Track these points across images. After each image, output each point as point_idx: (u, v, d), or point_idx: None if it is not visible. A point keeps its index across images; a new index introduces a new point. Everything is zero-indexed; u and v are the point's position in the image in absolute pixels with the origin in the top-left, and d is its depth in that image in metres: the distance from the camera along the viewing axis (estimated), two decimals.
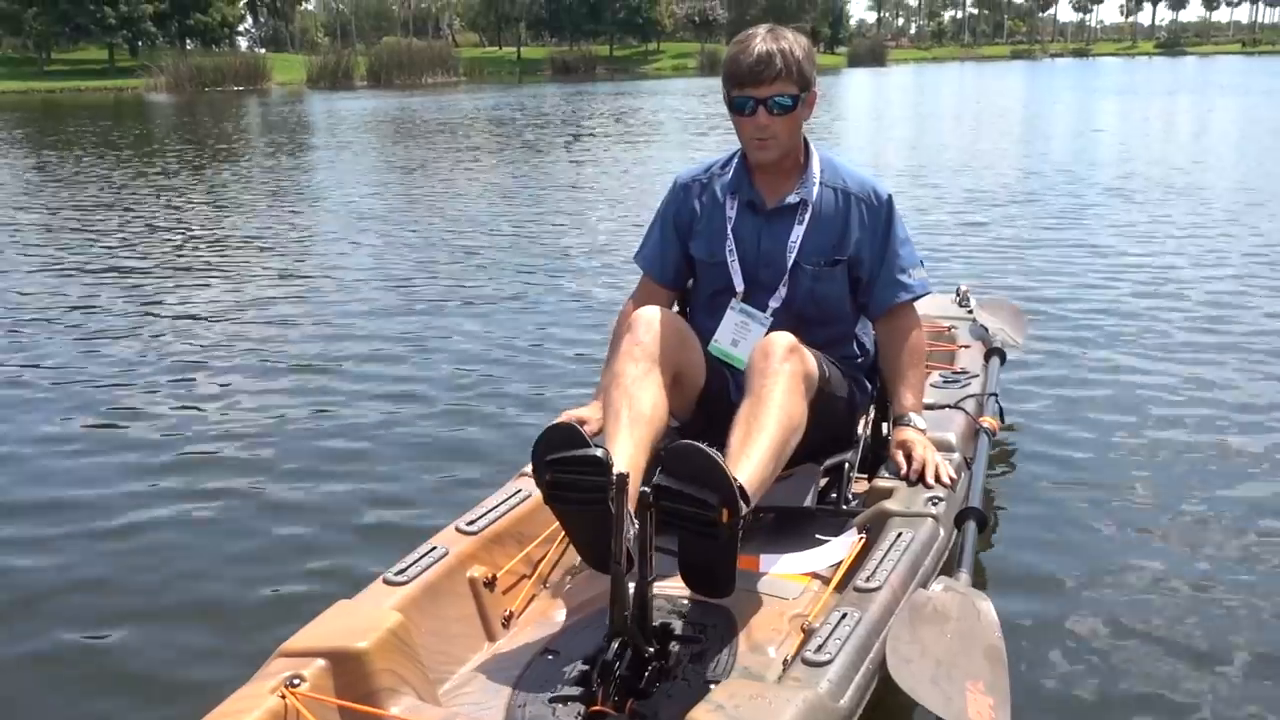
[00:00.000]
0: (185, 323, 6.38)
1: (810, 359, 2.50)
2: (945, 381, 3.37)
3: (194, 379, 5.28)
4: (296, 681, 1.87)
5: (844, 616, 2.03)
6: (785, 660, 2.07)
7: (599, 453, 2.10)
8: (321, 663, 1.91)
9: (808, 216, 2.72)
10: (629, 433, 2.31)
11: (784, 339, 2.46)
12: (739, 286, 2.75)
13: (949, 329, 4.04)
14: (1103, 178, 12.04)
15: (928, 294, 2.89)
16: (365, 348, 5.76)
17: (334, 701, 1.89)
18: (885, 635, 2.02)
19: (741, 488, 2.05)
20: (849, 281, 2.78)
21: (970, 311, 4.23)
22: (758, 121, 2.60)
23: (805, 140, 2.77)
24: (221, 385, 5.16)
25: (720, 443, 2.25)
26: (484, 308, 6.63)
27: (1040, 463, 3.88)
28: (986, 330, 3.93)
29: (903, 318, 2.78)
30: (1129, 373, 4.86)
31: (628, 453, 2.27)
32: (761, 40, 2.58)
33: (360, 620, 2.02)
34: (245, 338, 6.03)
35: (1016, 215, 9.57)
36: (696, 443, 2.05)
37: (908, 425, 2.70)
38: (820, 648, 1.93)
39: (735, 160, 2.82)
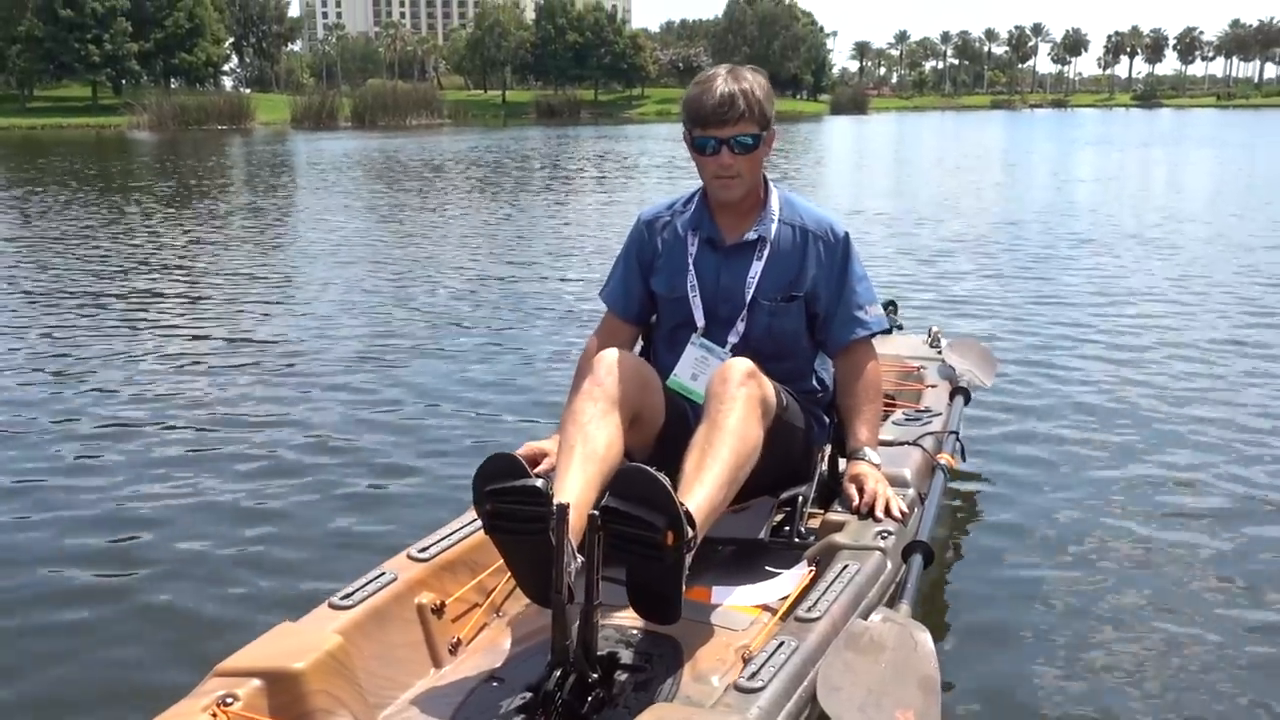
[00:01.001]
0: (147, 354, 6.27)
1: (768, 385, 2.50)
2: (907, 419, 3.38)
3: (161, 406, 5.22)
4: (230, 700, 1.86)
5: (780, 645, 2.03)
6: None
7: (538, 483, 2.09)
8: (256, 682, 1.91)
9: (766, 253, 2.75)
10: (580, 468, 2.31)
11: (742, 364, 2.47)
12: (699, 322, 2.77)
13: (918, 369, 4.07)
14: (1078, 227, 12.17)
15: (885, 331, 2.90)
16: (335, 380, 5.74)
17: None
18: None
19: (688, 512, 2.05)
20: (806, 317, 2.80)
21: (940, 352, 4.26)
22: (721, 161, 2.63)
23: (764, 178, 2.79)
24: (191, 414, 5.11)
25: (678, 474, 2.26)
26: (455, 343, 6.61)
27: (1001, 502, 3.91)
28: (954, 370, 3.96)
29: (860, 354, 2.80)
30: (1096, 418, 4.87)
31: (577, 488, 2.25)
32: (723, 81, 2.61)
33: (299, 642, 2.02)
34: (215, 366, 5.99)
35: (992, 261, 9.67)
36: (644, 466, 2.05)
37: (861, 459, 2.71)
38: (754, 675, 1.93)
39: (696, 198, 2.84)
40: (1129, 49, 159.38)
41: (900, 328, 4.72)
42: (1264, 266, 9.16)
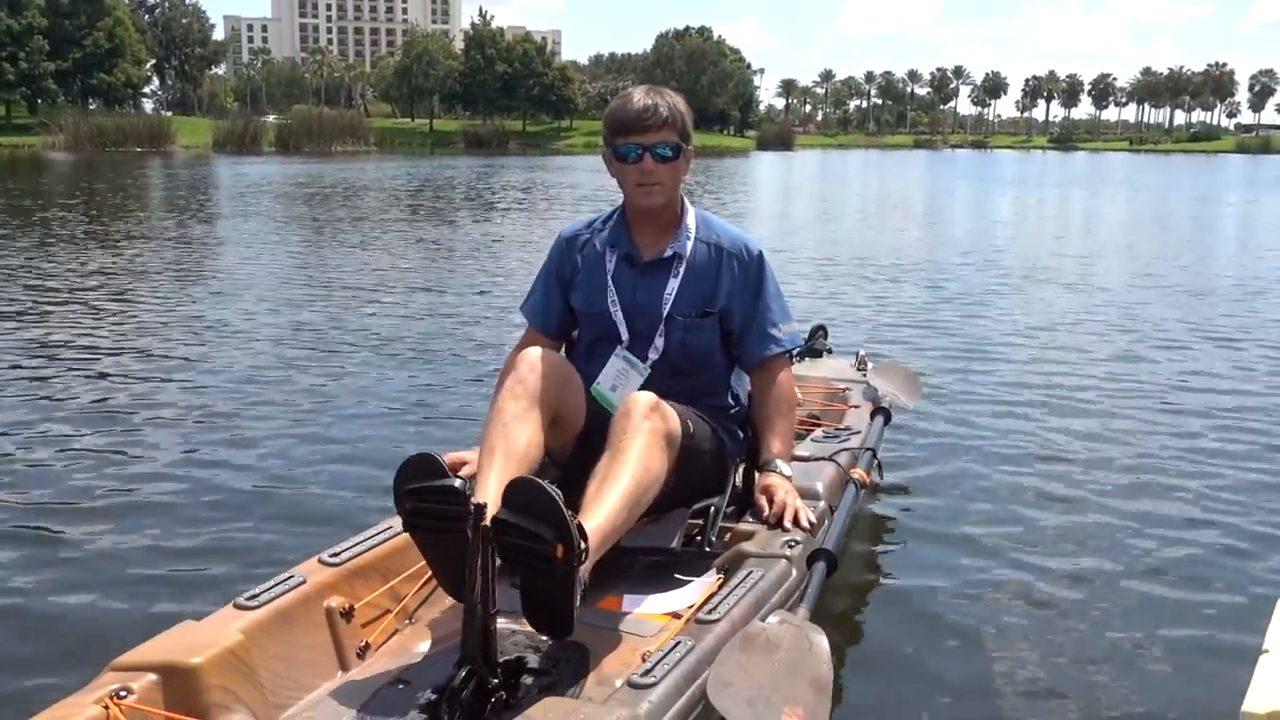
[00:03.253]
0: (58, 370, 6.03)
1: (672, 417, 2.53)
2: (826, 436, 3.50)
3: (74, 425, 5.04)
4: (124, 694, 1.88)
5: (677, 645, 2.09)
6: None
7: (456, 483, 2.15)
8: (152, 677, 1.93)
9: (682, 270, 2.80)
10: (500, 468, 2.36)
11: (645, 398, 2.51)
12: (624, 335, 2.82)
13: (843, 390, 4.19)
14: (1000, 260, 12.49)
15: (797, 348, 2.99)
16: (253, 397, 5.69)
17: (160, 713, 1.90)
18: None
19: (580, 525, 2.07)
20: (721, 334, 2.86)
21: (865, 375, 4.37)
22: (643, 168, 2.68)
23: (681, 197, 2.85)
24: (104, 430, 4.96)
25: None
26: (377, 362, 6.58)
27: (921, 519, 4.03)
28: (877, 392, 4.10)
29: (773, 370, 2.87)
30: (1016, 438, 5.04)
31: (497, 488, 2.25)
32: (643, 94, 2.70)
33: (199, 639, 2.04)
34: (125, 388, 5.78)
35: (922, 291, 9.87)
36: (537, 479, 2.07)
37: (773, 471, 2.79)
38: (648, 672, 1.98)
39: (615, 216, 2.90)
40: (1046, 93, 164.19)
41: (830, 351, 4.82)
42: (1177, 295, 9.58)
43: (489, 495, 2.23)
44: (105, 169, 35.52)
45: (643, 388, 2.71)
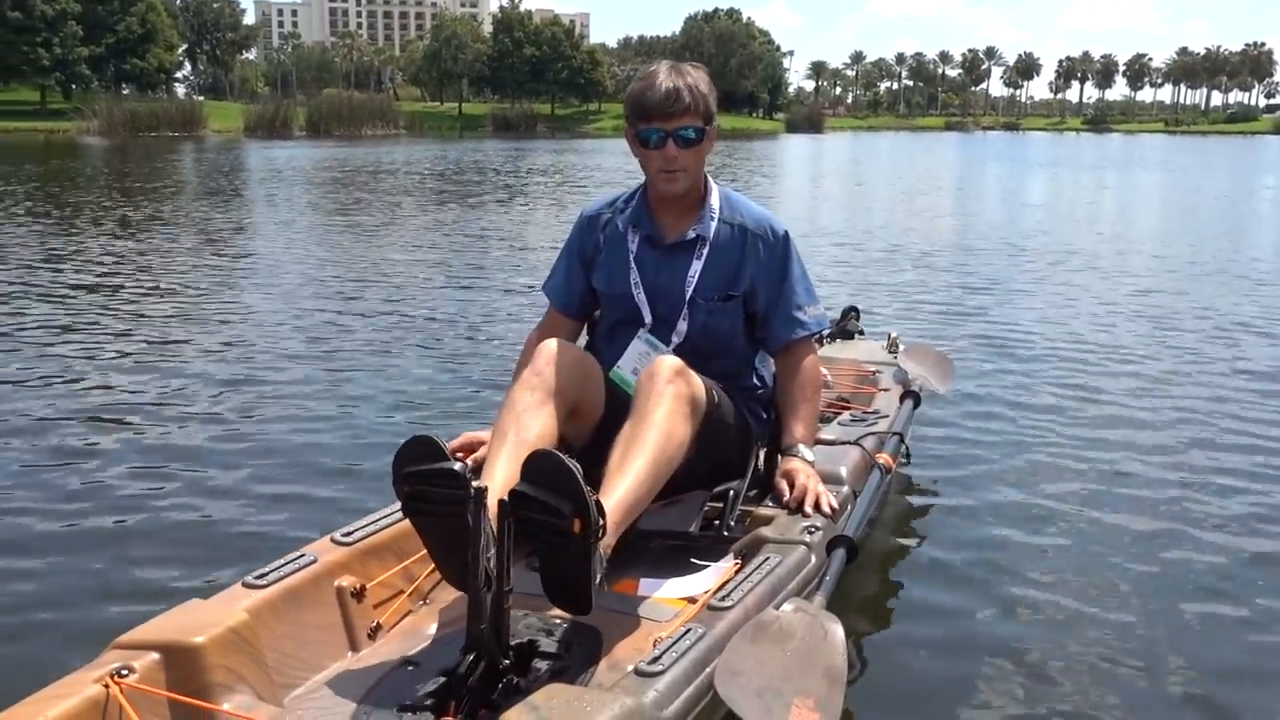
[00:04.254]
0: (93, 344, 6.07)
1: (697, 383, 2.50)
2: (853, 420, 3.44)
3: (93, 400, 5.02)
4: (125, 672, 1.86)
5: (688, 632, 2.05)
6: None
7: (456, 466, 2.09)
8: (154, 655, 1.91)
9: (705, 252, 2.75)
10: (509, 456, 2.31)
11: (671, 362, 2.47)
12: (647, 318, 2.78)
13: (873, 373, 4.13)
14: (1034, 244, 12.30)
15: (824, 330, 2.94)
16: (279, 377, 5.71)
17: (162, 693, 1.89)
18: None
19: (598, 501, 2.03)
20: (745, 316, 2.81)
21: (897, 357, 4.30)
22: (666, 154, 2.63)
23: (706, 176, 2.80)
24: (135, 408, 5.00)
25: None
26: (399, 341, 6.61)
27: (951, 508, 3.91)
28: (907, 375, 4.02)
29: (798, 353, 2.81)
30: (1053, 427, 4.88)
31: (504, 475, 2.24)
32: (666, 75, 2.62)
33: (204, 618, 2.02)
34: (156, 366, 5.85)
35: (949, 274, 9.74)
36: (554, 451, 2.04)
37: (795, 456, 2.74)
38: (656, 660, 1.95)
39: (638, 195, 2.85)
40: (1080, 74, 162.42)
41: (861, 333, 4.76)
42: (1210, 283, 9.36)
43: (495, 480, 2.21)
44: (138, 153, 35.79)
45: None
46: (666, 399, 2.38)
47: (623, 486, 2.24)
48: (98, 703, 1.81)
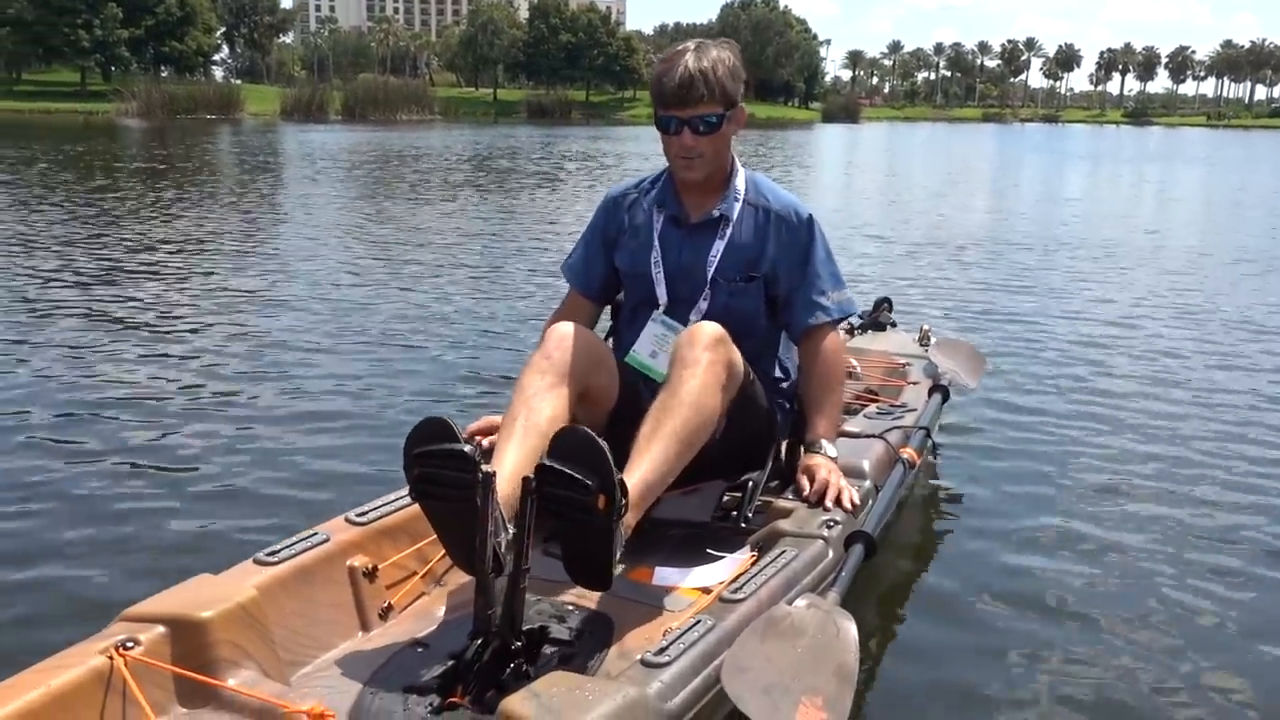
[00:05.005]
0: (127, 326, 6.09)
1: (736, 354, 2.47)
2: (879, 413, 3.39)
3: (128, 382, 5.06)
4: (131, 645, 1.87)
5: (697, 624, 2.03)
6: None
7: (465, 448, 2.05)
8: (160, 629, 1.92)
9: (729, 232, 2.73)
10: (519, 441, 2.31)
11: (711, 329, 2.43)
12: (662, 299, 2.76)
13: (903, 365, 4.09)
14: (1072, 237, 12.16)
15: (850, 316, 2.87)
16: (311, 360, 5.74)
17: (166, 667, 1.90)
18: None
19: (622, 481, 2.02)
20: (766, 300, 2.78)
21: (928, 350, 4.25)
22: (683, 141, 2.60)
23: (732, 157, 2.77)
24: (161, 386, 5.01)
25: (626, 453, 2.27)
26: (428, 324, 6.64)
27: (977, 504, 3.84)
28: (937, 368, 3.96)
29: (820, 340, 2.75)
30: (1083, 426, 4.79)
31: (514, 459, 2.25)
32: (685, 61, 2.55)
33: (213, 593, 2.02)
34: (184, 339, 5.91)
35: (985, 268, 9.64)
36: (586, 429, 2.03)
37: (817, 452, 2.69)
38: (663, 650, 1.92)
39: (664, 177, 2.84)
40: (1121, 66, 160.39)
41: (894, 325, 4.69)
42: (1256, 283, 9.18)
43: (504, 465, 2.20)
44: (176, 135, 36.04)
45: None
46: (702, 367, 2.35)
47: (648, 463, 2.23)
48: (101, 674, 1.82)
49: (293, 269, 8.81)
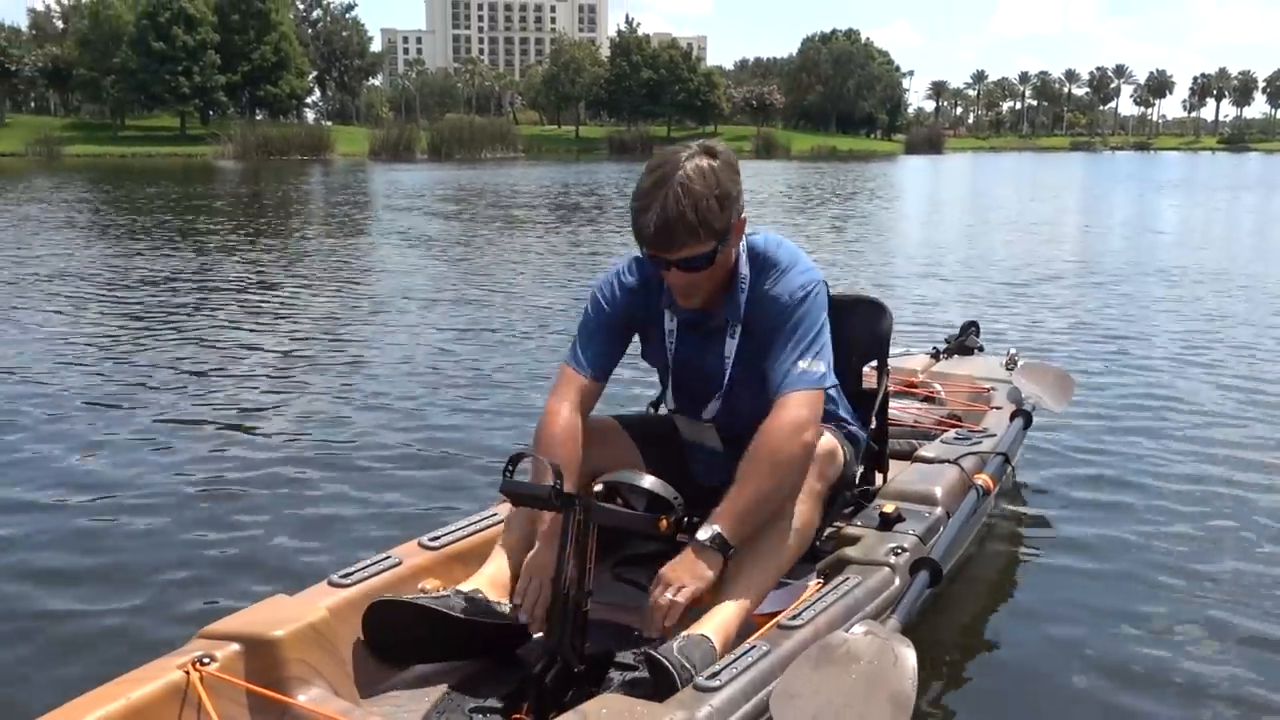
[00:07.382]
0: (213, 349, 6.30)
1: (829, 437, 2.43)
2: (957, 438, 3.35)
3: (216, 406, 5.27)
4: (207, 660, 1.94)
5: (751, 649, 2.04)
6: None
7: (545, 489, 2.12)
8: (235, 646, 1.99)
9: (739, 330, 2.52)
10: (499, 578, 2.40)
11: (796, 415, 2.33)
12: (670, 404, 2.73)
13: (988, 390, 4.06)
14: (1165, 268, 11.83)
15: (818, 390, 2.38)
16: (394, 391, 5.83)
17: (240, 683, 1.96)
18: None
19: (682, 507, 2.15)
20: None
21: (1012, 375, 4.17)
22: (672, 279, 2.40)
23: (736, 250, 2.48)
24: (253, 412, 5.15)
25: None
26: (514, 357, 6.63)
27: (1059, 536, 3.70)
28: (1020, 393, 3.88)
29: (782, 411, 2.33)
30: (1175, 458, 4.60)
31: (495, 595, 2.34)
32: (660, 207, 2.24)
33: (287, 613, 2.09)
34: (278, 368, 6.07)
35: (1079, 295, 9.48)
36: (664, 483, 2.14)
37: (698, 547, 2.23)
38: (715, 675, 1.93)
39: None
40: (1216, 91, 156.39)
41: (981, 349, 4.64)
42: None
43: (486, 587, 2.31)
44: (270, 176, 37.19)
45: (721, 431, 2.63)
46: (796, 472, 2.33)
47: (727, 611, 2.23)
48: (178, 688, 1.88)
49: (378, 301, 9.02)
